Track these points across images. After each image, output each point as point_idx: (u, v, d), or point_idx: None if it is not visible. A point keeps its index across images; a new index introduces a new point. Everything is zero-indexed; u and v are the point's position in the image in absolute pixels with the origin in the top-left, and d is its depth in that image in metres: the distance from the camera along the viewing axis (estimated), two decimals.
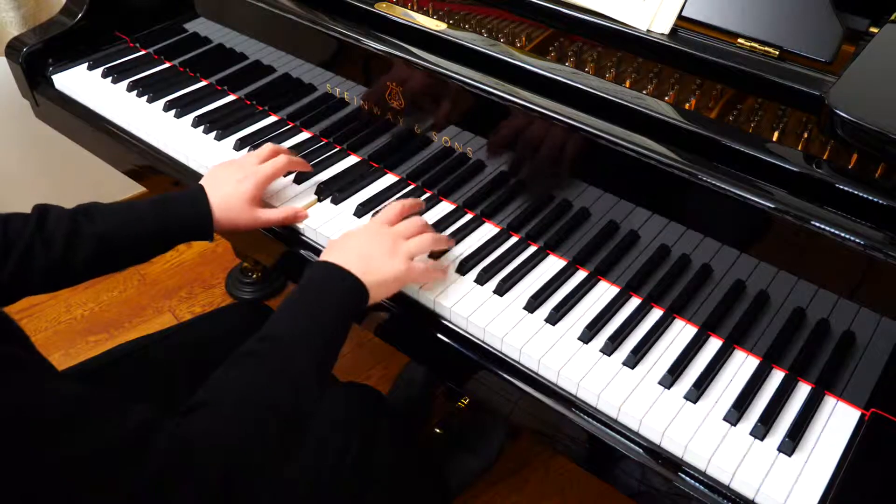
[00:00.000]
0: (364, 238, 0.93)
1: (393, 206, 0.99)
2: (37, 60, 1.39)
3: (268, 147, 1.09)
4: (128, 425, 0.65)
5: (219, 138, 1.24)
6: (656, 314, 0.95)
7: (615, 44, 1.04)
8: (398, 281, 0.91)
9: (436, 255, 1.01)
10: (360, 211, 1.08)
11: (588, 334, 0.91)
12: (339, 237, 0.95)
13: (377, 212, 1.08)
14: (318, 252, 1.06)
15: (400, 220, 0.98)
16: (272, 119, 1.29)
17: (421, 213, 1.07)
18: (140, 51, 1.46)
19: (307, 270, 0.90)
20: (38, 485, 0.59)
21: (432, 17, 1.08)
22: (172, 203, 0.98)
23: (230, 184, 1.01)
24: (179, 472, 0.66)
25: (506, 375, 0.91)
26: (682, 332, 0.93)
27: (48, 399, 0.62)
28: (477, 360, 0.93)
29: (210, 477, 0.68)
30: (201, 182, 1.02)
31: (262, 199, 1.07)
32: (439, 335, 0.96)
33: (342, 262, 0.88)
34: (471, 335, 0.94)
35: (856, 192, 0.78)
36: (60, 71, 1.40)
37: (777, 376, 0.88)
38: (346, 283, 0.87)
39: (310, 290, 0.87)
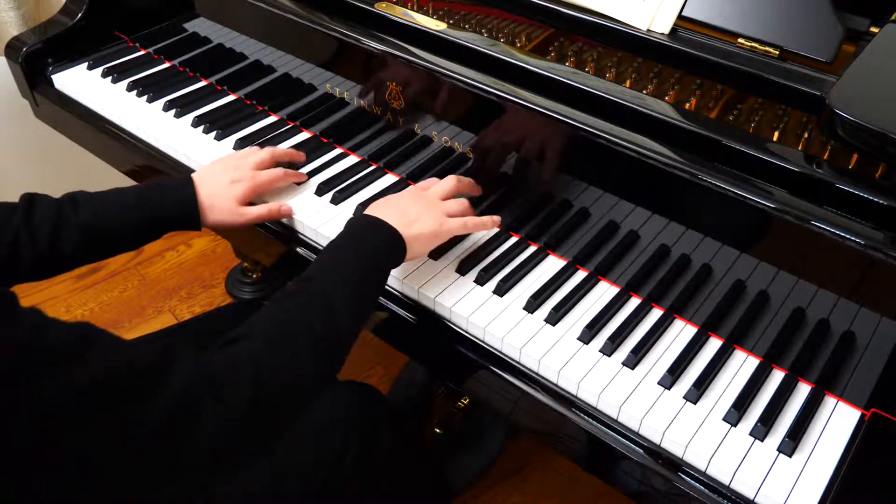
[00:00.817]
0: (404, 198, 0.97)
1: (427, 179, 1.04)
2: (36, 60, 1.39)
3: (267, 152, 1.09)
4: (148, 349, 0.65)
5: (219, 138, 1.24)
6: (656, 314, 0.95)
7: (615, 44, 1.04)
8: (435, 235, 0.95)
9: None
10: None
11: (588, 334, 0.91)
12: (377, 201, 0.98)
13: None
14: (316, 250, 1.06)
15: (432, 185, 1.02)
16: (272, 119, 1.29)
17: None
18: (140, 51, 1.46)
19: (349, 221, 0.93)
20: (56, 407, 0.58)
21: (432, 17, 1.08)
22: (160, 192, 0.99)
23: (223, 183, 1.02)
24: (203, 394, 0.66)
25: (506, 375, 0.91)
26: (682, 333, 0.93)
27: (59, 327, 0.62)
28: (477, 360, 0.93)
29: (237, 395, 0.68)
30: (193, 175, 1.02)
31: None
32: (439, 335, 0.96)
33: (382, 216, 0.91)
34: (471, 335, 0.94)
35: (856, 192, 0.78)
36: (60, 71, 1.40)
37: (777, 376, 0.88)
38: (385, 234, 0.90)
39: (349, 237, 0.90)
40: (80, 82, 1.37)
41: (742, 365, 0.89)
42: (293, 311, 0.79)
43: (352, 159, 1.19)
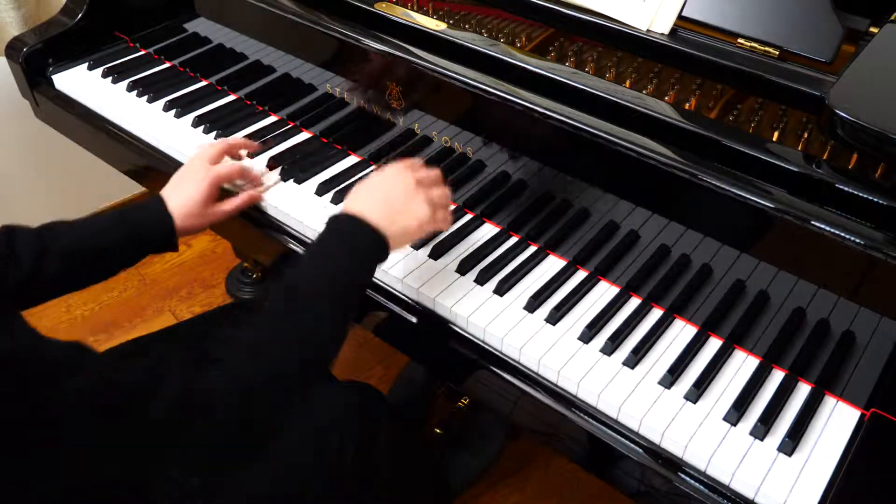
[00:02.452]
0: (388, 181, 0.92)
1: (415, 159, 0.99)
2: (37, 60, 1.39)
3: (220, 144, 1.10)
4: (136, 368, 0.65)
5: (219, 138, 1.23)
6: (656, 314, 0.95)
7: (615, 44, 1.04)
8: (420, 228, 0.91)
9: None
10: None
11: (588, 334, 0.91)
12: (362, 181, 0.94)
13: None
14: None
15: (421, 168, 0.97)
16: (272, 119, 1.29)
17: None
18: (140, 51, 1.46)
19: (330, 220, 0.88)
20: (49, 420, 0.59)
21: (432, 17, 1.08)
22: (133, 217, 0.99)
23: (186, 192, 1.02)
24: (190, 415, 0.66)
25: (506, 375, 0.91)
26: (682, 332, 0.93)
27: (49, 345, 0.62)
28: (477, 359, 0.93)
29: (228, 408, 0.68)
30: (162, 193, 1.03)
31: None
32: (439, 335, 0.96)
33: (364, 211, 0.87)
34: (471, 335, 0.94)
35: (856, 193, 0.78)
36: (60, 71, 1.40)
37: (777, 376, 0.88)
38: (367, 237, 0.86)
39: (331, 240, 0.87)
40: (81, 82, 1.37)
41: (742, 365, 0.89)
42: (278, 326, 0.77)
43: (352, 159, 1.19)
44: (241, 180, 1.12)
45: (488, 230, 1.07)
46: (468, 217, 1.08)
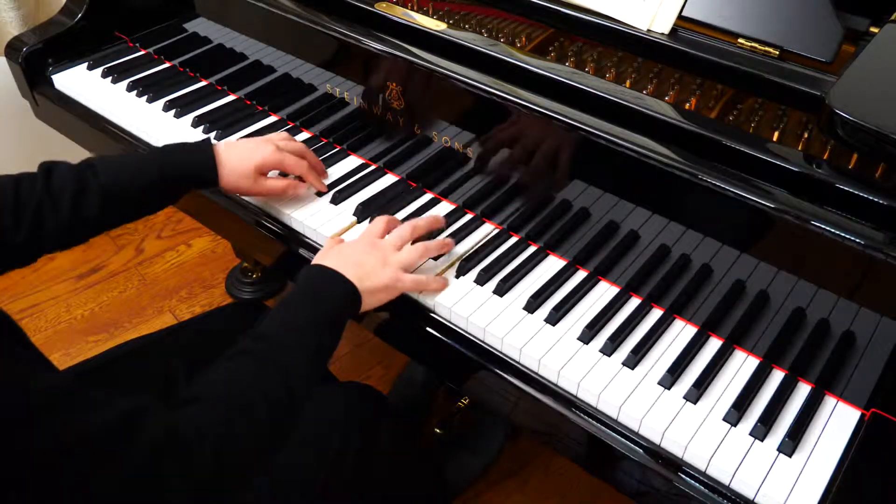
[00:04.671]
0: (358, 247, 0.94)
1: (379, 220, 1.00)
2: (37, 60, 1.39)
3: (300, 144, 1.11)
4: (115, 412, 0.65)
5: (219, 138, 1.24)
6: (656, 314, 0.95)
7: (615, 44, 1.04)
8: (388, 290, 0.93)
9: (436, 256, 1.01)
10: (360, 211, 1.08)
11: (588, 334, 0.91)
12: (330, 247, 0.96)
13: (377, 212, 1.08)
14: (315, 250, 1.06)
15: (387, 231, 0.98)
16: (272, 119, 1.29)
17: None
18: (140, 51, 1.46)
19: (303, 272, 0.90)
20: (23, 469, 0.59)
21: (432, 17, 1.08)
22: (178, 151, 1.01)
23: (245, 148, 1.04)
24: (169, 458, 0.66)
25: (506, 375, 0.91)
26: (682, 332, 0.93)
27: (32, 385, 0.62)
28: (477, 359, 0.93)
29: (200, 464, 0.68)
30: (216, 142, 1.04)
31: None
32: (439, 335, 0.96)
33: (337, 267, 0.89)
34: (471, 335, 0.94)
35: (856, 192, 0.78)
36: (60, 71, 1.40)
37: (777, 376, 0.88)
38: (341, 288, 0.88)
39: (306, 291, 0.88)
40: (81, 82, 1.37)
41: (742, 365, 0.89)
42: (249, 379, 0.77)
43: (352, 159, 1.19)
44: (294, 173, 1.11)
45: (488, 230, 1.07)
46: (468, 217, 1.08)
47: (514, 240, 1.05)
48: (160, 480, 0.65)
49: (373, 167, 1.17)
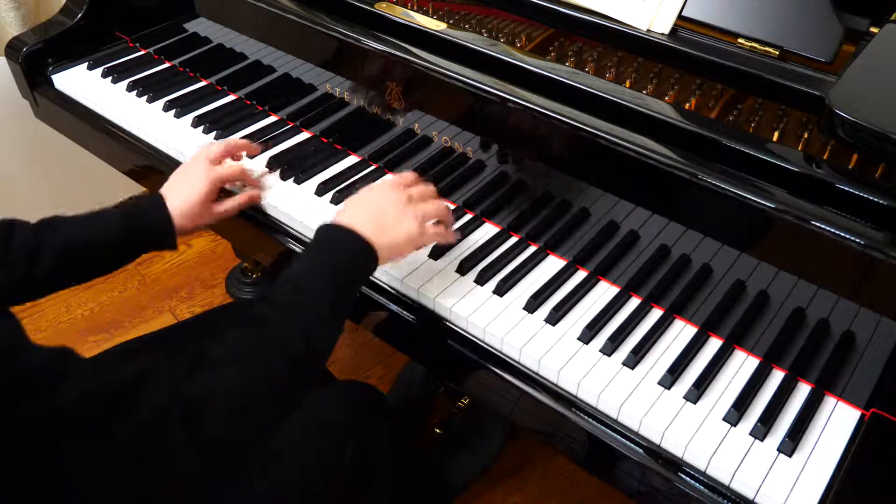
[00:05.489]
0: (378, 196, 0.92)
1: (408, 173, 0.99)
2: (36, 60, 1.39)
3: (221, 146, 1.09)
4: (121, 375, 0.64)
5: (219, 138, 1.23)
6: (656, 314, 0.95)
7: (615, 44, 1.04)
8: (410, 242, 0.91)
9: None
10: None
11: (588, 334, 0.91)
12: (355, 195, 0.95)
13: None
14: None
15: (414, 183, 0.97)
16: (272, 119, 1.29)
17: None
18: (140, 51, 1.46)
19: (319, 230, 0.88)
20: (23, 436, 0.58)
21: (432, 17, 1.08)
22: (132, 215, 0.98)
23: (186, 190, 1.02)
24: (175, 421, 0.65)
25: (506, 375, 0.91)
26: (682, 332, 0.93)
27: (32, 352, 0.62)
28: (477, 359, 0.93)
29: (211, 426, 0.67)
30: (161, 191, 1.02)
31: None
32: (439, 335, 0.96)
33: (355, 224, 0.87)
34: (471, 335, 0.94)
35: (856, 192, 0.78)
36: (60, 71, 1.40)
37: (777, 376, 0.88)
38: (356, 246, 0.86)
39: (321, 250, 0.87)
40: (81, 82, 1.37)
41: (742, 365, 0.89)
42: (267, 334, 0.75)
43: (352, 159, 1.19)
44: (240, 182, 1.12)
45: (488, 230, 1.07)
46: (468, 217, 1.08)
47: (514, 240, 1.05)
48: (167, 444, 0.64)
49: (373, 167, 1.17)
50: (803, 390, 0.86)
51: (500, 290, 0.97)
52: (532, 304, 0.95)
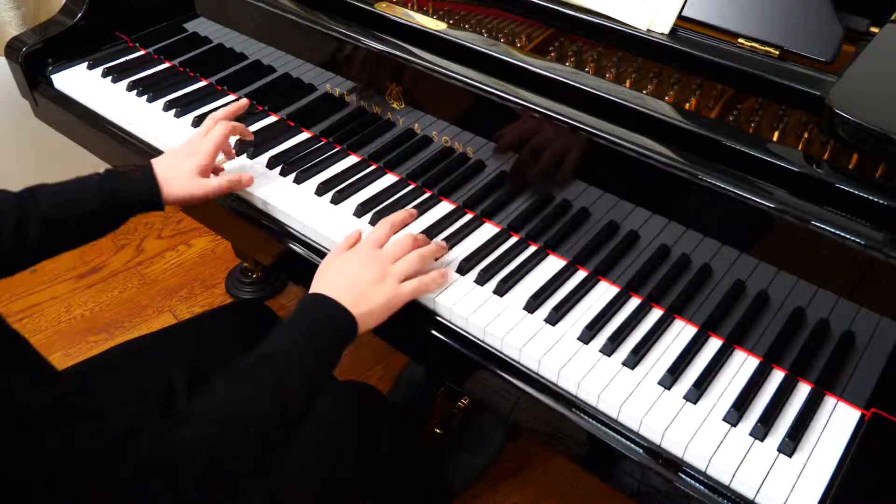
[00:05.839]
0: (355, 265, 0.93)
1: (381, 225, 0.99)
2: (36, 60, 1.39)
3: (210, 119, 1.11)
4: (108, 428, 0.65)
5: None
6: (656, 314, 0.95)
7: (615, 44, 1.04)
8: (389, 306, 0.91)
9: (437, 256, 1.01)
10: (361, 211, 1.08)
11: (588, 334, 0.91)
12: (330, 262, 0.95)
13: (377, 212, 1.08)
14: (315, 250, 1.06)
15: (388, 238, 0.98)
16: (272, 119, 1.29)
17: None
18: (140, 50, 1.46)
19: (301, 301, 0.90)
20: (10, 483, 0.59)
21: (432, 17, 1.08)
22: (119, 177, 1.00)
23: (178, 160, 1.06)
24: (158, 477, 0.66)
25: (506, 375, 0.91)
26: (682, 333, 0.93)
27: (20, 398, 0.62)
28: (477, 360, 0.93)
29: (189, 484, 0.68)
30: (151, 160, 1.05)
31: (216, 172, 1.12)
32: (439, 335, 0.96)
33: (333, 294, 0.88)
34: (471, 335, 0.94)
35: (856, 192, 0.78)
36: (60, 71, 1.40)
37: (777, 376, 0.88)
38: (338, 319, 0.87)
39: (303, 321, 0.88)
40: (80, 82, 1.37)
41: (742, 365, 0.89)
42: (246, 401, 0.77)
43: (352, 159, 1.19)
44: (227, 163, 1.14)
45: (488, 230, 1.07)
46: (468, 217, 1.08)
47: (514, 240, 1.05)
48: (148, 498, 0.66)
49: (373, 167, 1.17)
50: (803, 390, 0.86)
51: (500, 290, 0.97)
52: (532, 304, 0.95)
